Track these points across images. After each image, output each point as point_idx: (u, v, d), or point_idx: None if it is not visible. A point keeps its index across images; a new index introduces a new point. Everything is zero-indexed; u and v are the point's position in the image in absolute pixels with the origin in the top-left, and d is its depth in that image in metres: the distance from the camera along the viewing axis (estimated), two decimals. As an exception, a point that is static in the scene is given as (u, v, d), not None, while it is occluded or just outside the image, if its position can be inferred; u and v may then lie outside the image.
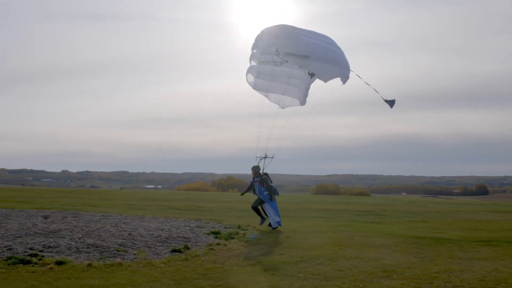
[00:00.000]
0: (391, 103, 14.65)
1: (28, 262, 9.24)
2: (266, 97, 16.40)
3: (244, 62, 15.34)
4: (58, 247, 11.07)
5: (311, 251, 11.88)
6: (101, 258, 10.01)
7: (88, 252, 10.63)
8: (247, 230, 15.98)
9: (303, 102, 16.31)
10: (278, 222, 16.44)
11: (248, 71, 15.66)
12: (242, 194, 17.74)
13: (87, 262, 9.51)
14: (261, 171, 16.70)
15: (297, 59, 13.72)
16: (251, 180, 16.85)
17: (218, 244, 12.53)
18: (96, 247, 11.23)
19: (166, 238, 13.19)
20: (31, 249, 10.64)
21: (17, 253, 10.13)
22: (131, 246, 11.74)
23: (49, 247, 11.03)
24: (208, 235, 14.23)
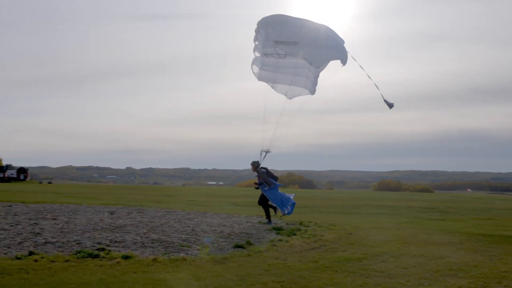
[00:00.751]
0: (390, 105, 14.42)
1: (96, 256, 9.49)
2: (273, 88, 16.09)
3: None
4: (124, 242, 11.35)
5: (374, 248, 11.71)
6: (166, 253, 10.18)
7: (153, 247, 10.84)
8: (309, 226, 15.91)
9: (312, 91, 15.88)
10: (290, 207, 16.13)
11: (253, 62, 15.55)
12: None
13: (152, 256, 9.69)
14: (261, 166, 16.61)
15: (286, 46, 13.52)
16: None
17: (280, 240, 12.53)
18: (161, 242, 11.44)
19: (229, 234, 13.30)
20: (98, 243, 10.95)
21: (86, 247, 10.45)
22: (195, 241, 11.89)
23: (116, 241, 11.32)
24: (270, 231, 14.26)
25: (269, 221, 16.70)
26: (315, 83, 15.74)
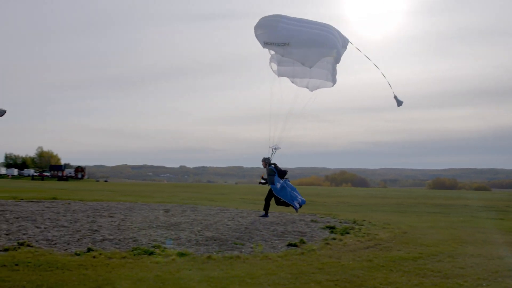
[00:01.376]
0: (399, 102, 14.30)
1: (152, 253, 9.66)
2: (293, 82, 15.92)
3: (356, 56, 15.04)
4: (179, 239, 11.51)
5: (430, 247, 11.49)
6: (220, 251, 10.27)
7: (207, 245, 10.95)
8: (362, 225, 15.74)
9: (333, 81, 15.64)
10: (299, 203, 16.42)
11: (271, 60, 15.46)
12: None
13: (206, 254, 9.78)
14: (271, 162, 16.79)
15: (277, 48, 13.35)
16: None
17: (334, 239, 12.43)
18: (215, 240, 11.54)
19: (282, 232, 13.30)
20: (154, 240, 11.15)
21: (142, 244, 10.65)
22: (248, 239, 11.95)
23: (171, 239, 11.50)
24: (323, 230, 14.19)
25: (266, 214, 17.31)
26: (334, 73, 15.47)
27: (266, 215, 17.40)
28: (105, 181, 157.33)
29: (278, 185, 16.30)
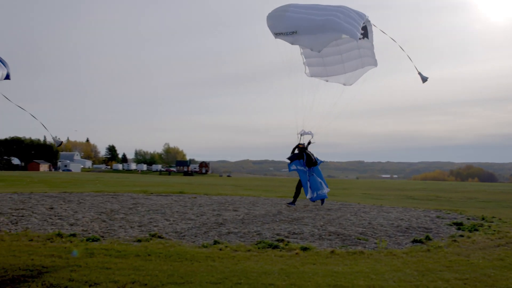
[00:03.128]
0: (424, 78, 13.86)
1: (276, 247, 9.80)
2: (328, 81, 16.34)
3: (483, 45, 14.35)
4: (302, 233, 11.59)
5: None
6: (343, 246, 10.22)
7: (330, 240, 10.94)
8: (492, 222, 14.93)
9: (374, 63, 15.85)
10: (316, 196, 17.77)
11: (304, 64, 16.15)
12: None
13: (330, 249, 9.77)
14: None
15: (286, 37, 13.22)
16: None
17: (462, 236, 11.93)
18: (338, 235, 11.50)
19: (406, 228, 12.99)
20: (278, 234, 11.31)
21: (266, 238, 10.85)
22: (372, 235, 11.78)
23: (294, 233, 11.60)
24: (449, 226, 13.67)
25: (293, 202, 18.14)
26: (370, 54, 15.68)
27: (293, 203, 18.04)
28: (228, 175, 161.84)
29: (294, 167, 17.70)
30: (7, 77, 11.00)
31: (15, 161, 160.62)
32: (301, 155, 17.71)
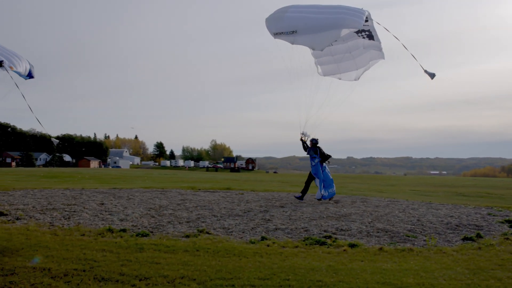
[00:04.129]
0: (431, 75, 13.59)
1: (323, 244, 9.78)
2: (340, 78, 16.50)
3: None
4: (350, 230, 11.53)
5: None
6: (392, 243, 10.11)
7: (378, 236, 10.84)
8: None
9: (381, 55, 15.87)
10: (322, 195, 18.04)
11: (316, 64, 16.41)
12: None
13: (378, 246, 9.70)
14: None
15: (286, 36, 13.21)
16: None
17: (515, 233, 11.64)
18: (386, 232, 11.39)
19: (457, 226, 12.74)
20: (325, 231, 11.28)
21: (313, 234, 10.84)
22: (421, 232, 11.61)
23: (341, 230, 11.55)
24: (501, 224, 13.33)
25: (302, 197, 18.70)
26: (376, 47, 15.67)
27: (301, 197, 18.64)
28: (274, 172, 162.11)
29: (313, 163, 18.47)
30: (30, 74, 11.34)
31: (67, 158, 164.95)
32: (315, 151, 18.49)
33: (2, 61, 9.97)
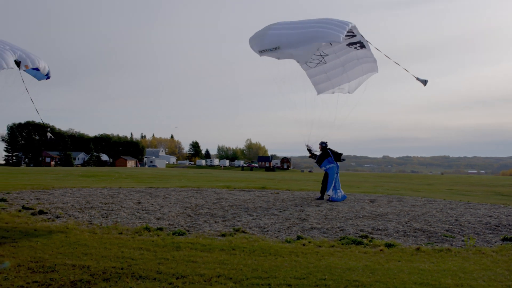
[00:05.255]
0: (424, 82, 13.69)
1: (359, 243, 9.73)
2: (334, 92, 16.83)
3: None
4: (386, 230, 11.44)
5: None
6: (429, 243, 9.99)
7: (415, 236, 10.73)
8: None
9: (375, 68, 16.30)
10: (337, 196, 18.38)
11: (312, 83, 16.76)
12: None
13: (415, 246, 9.60)
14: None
15: (271, 52, 13.25)
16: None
17: (557, 234, 11.38)
18: (423, 232, 11.26)
19: (496, 226, 12.52)
20: (361, 230, 11.22)
21: (349, 234, 10.79)
22: (459, 232, 11.45)
23: (378, 229, 11.47)
24: (543, 225, 13.06)
25: (321, 196, 19.01)
26: (370, 60, 15.96)
27: (321, 197, 18.92)
28: (309, 171, 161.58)
29: (324, 168, 18.77)
30: (48, 75, 11.63)
31: (104, 157, 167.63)
32: (326, 154, 18.73)
33: (20, 61, 10.26)
